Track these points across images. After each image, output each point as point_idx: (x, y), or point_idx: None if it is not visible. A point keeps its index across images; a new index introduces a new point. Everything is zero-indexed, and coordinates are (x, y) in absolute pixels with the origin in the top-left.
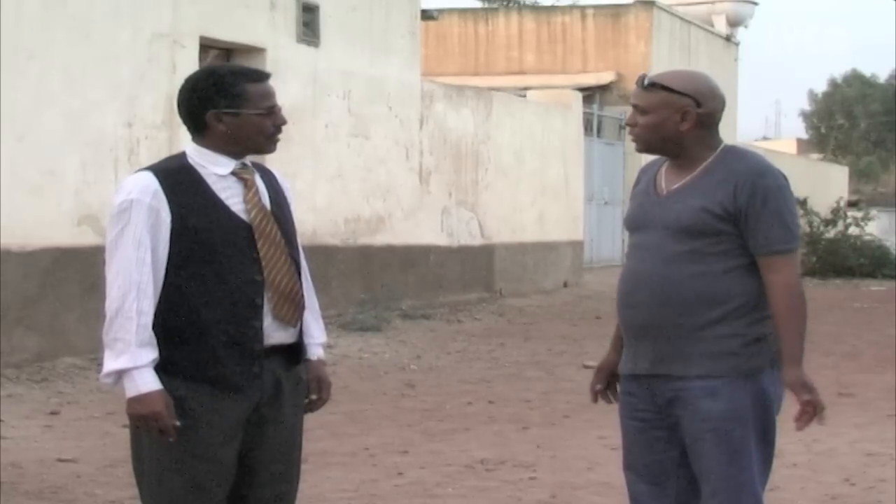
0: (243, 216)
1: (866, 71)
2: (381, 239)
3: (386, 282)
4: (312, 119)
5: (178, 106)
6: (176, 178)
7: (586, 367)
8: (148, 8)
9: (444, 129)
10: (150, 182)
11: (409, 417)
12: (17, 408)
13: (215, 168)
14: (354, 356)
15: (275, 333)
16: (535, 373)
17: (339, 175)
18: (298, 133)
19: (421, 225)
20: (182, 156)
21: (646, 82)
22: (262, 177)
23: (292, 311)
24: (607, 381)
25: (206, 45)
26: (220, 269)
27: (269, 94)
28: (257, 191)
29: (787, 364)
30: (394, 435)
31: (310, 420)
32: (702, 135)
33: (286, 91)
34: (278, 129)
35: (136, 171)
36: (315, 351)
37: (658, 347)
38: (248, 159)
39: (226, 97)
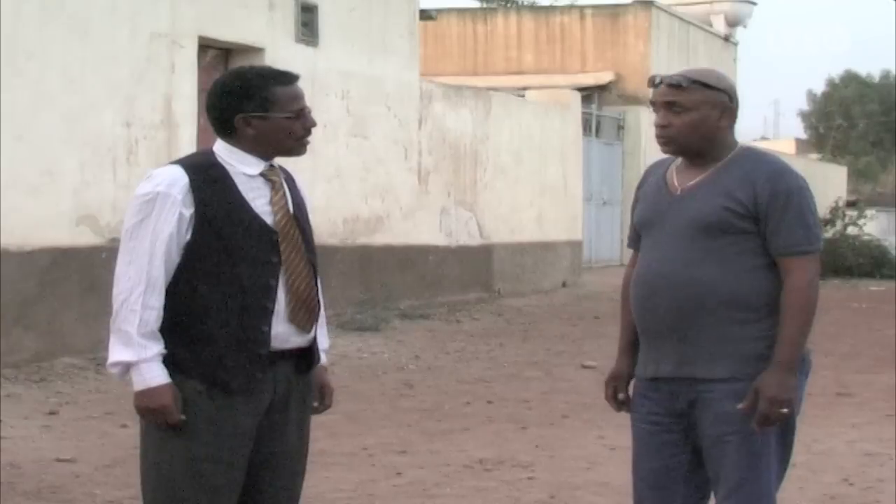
0: (267, 218)
1: (863, 71)
2: (379, 239)
3: (384, 282)
4: None
5: (207, 109)
6: (205, 174)
7: (585, 367)
8: (146, 8)
9: (443, 129)
10: (179, 176)
11: (407, 417)
12: (15, 408)
13: (244, 168)
14: (353, 356)
15: (291, 338)
16: (533, 373)
17: (338, 175)
18: None
19: (419, 225)
20: (210, 153)
21: (683, 82)
22: (283, 179)
23: (307, 316)
24: (627, 388)
25: (204, 45)
26: (235, 271)
27: (298, 97)
28: (284, 194)
29: (777, 367)
30: (392, 435)
31: None
32: (729, 131)
33: None
34: (308, 132)
35: (166, 165)
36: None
37: (682, 350)
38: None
39: (253, 101)
